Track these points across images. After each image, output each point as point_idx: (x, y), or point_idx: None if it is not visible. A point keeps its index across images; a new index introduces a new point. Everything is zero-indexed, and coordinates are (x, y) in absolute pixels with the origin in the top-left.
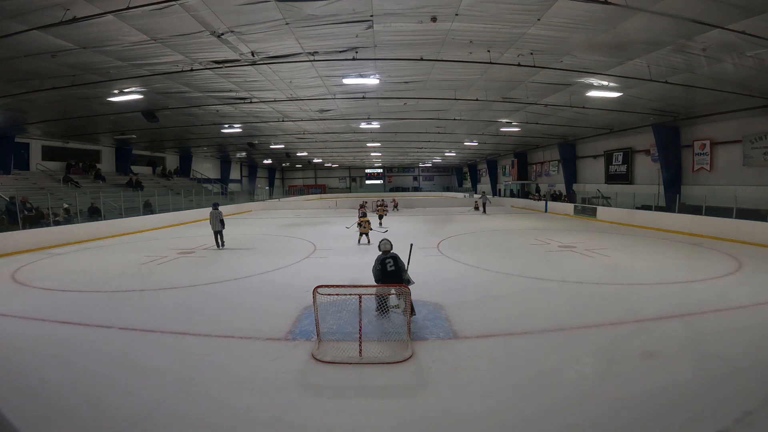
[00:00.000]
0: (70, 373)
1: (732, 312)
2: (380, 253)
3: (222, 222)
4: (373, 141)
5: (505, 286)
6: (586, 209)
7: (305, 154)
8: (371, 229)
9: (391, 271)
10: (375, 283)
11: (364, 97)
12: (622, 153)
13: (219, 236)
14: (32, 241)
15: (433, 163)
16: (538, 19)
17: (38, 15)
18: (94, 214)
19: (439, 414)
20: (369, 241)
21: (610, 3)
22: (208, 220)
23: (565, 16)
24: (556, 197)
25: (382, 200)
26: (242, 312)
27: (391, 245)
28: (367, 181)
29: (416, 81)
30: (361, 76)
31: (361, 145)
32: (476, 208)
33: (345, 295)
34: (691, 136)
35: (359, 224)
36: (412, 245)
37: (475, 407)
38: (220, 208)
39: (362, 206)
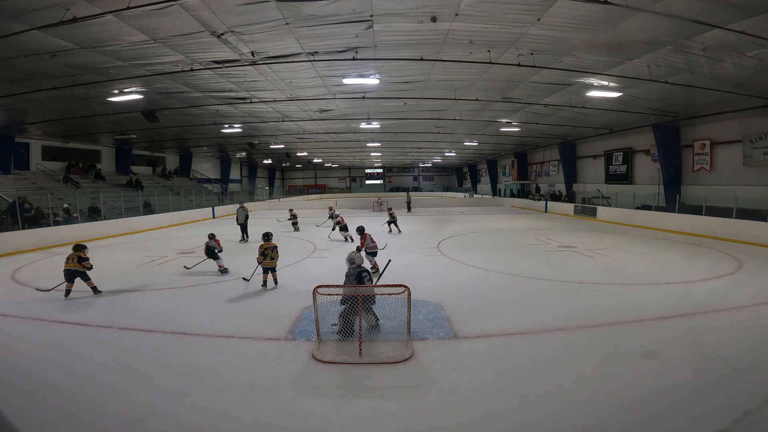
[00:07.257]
0: (69, 374)
1: (732, 312)
2: (351, 266)
3: (244, 218)
4: (373, 141)
5: (505, 285)
6: (586, 209)
7: (305, 154)
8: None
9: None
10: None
11: (364, 97)
12: (622, 153)
13: (243, 230)
14: (32, 241)
15: (433, 163)
16: (538, 19)
17: (38, 15)
18: (94, 214)
19: (439, 414)
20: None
21: (610, 3)
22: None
23: (565, 16)
24: (556, 197)
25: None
26: (242, 312)
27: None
28: (367, 181)
29: (416, 81)
30: (361, 76)
31: (361, 145)
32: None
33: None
34: (691, 136)
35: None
36: (389, 261)
37: (475, 407)
38: (246, 204)
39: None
